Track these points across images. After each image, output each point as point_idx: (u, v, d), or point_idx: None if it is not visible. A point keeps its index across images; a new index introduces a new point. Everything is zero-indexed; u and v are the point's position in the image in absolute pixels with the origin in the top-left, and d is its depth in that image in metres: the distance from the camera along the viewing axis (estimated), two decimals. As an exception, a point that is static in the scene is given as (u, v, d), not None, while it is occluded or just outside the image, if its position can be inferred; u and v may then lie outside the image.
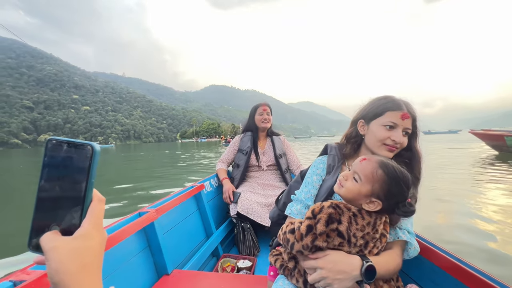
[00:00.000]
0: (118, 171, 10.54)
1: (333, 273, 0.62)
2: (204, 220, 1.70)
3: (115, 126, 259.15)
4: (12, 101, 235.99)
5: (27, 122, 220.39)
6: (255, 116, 2.07)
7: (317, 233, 0.63)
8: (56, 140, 0.29)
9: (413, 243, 0.76)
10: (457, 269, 0.71)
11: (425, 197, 3.60)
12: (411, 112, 0.79)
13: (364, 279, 0.61)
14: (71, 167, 0.29)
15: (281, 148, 2.07)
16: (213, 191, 1.96)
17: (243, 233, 1.69)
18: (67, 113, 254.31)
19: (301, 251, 0.66)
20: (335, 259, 0.63)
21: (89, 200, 0.30)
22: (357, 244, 0.65)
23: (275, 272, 0.86)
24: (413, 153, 0.83)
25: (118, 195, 5.30)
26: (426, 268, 0.84)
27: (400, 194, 0.63)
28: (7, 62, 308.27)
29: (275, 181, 2.00)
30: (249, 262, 1.47)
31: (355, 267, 0.62)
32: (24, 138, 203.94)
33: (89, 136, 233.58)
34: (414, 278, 0.89)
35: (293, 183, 1.10)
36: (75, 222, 0.29)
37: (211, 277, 1.16)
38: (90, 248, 0.28)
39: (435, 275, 0.80)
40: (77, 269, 0.26)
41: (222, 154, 2.13)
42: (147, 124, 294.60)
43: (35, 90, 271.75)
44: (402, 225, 0.77)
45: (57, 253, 0.26)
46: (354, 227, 0.64)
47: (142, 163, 13.86)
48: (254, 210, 1.71)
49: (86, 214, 0.29)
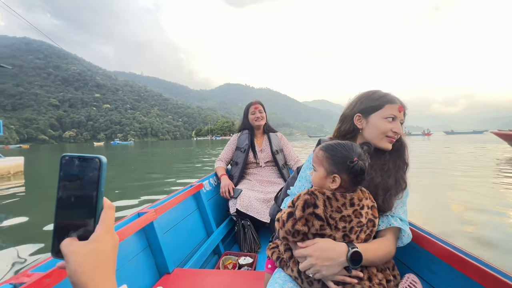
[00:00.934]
0: (153, 164, 11.84)
1: (321, 260, 0.65)
2: (204, 218, 1.71)
3: (133, 123, 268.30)
4: (40, 99, 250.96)
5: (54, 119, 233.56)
6: (249, 115, 2.09)
7: (296, 218, 0.68)
8: (68, 156, 0.33)
9: (405, 230, 0.78)
10: (453, 257, 0.72)
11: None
12: (403, 104, 0.86)
13: (350, 265, 0.64)
14: (83, 179, 0.32)
15: (278, 144, 2.09)
16: (212, 190, 1.97)
17: (243, 230, 1.70)
18: (89, 111, 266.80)
19: (286, 237, 0.70)
20: (323, 247, 0.66)
21: (100, 207, 0.33)
22: (338, 227, 0.68)
23: (273, 265, 0.89)
24: (401, 142, 0.88)
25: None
26: (423, 257, 0.86)
27: (345, 157, 0.69)
28: (36, 63, 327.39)
29: (273, 177, 2.02)
30: (250, 258, 1.49)
31: (341, 253, 0.65)
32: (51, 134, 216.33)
33: (109, 133, 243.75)
34: (411, 267, 0.90)
35: (291, 180, 1.14)
36: (90, 228, 0.32)
37: (213, 274, 1.18)
38: (103, 251, 0.31)
39: (432, 263, 0.82)
40: (92, 270, 0.30)
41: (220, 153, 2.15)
42: (164, 122, 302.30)
43: (60, 89, 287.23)
44: (395, 213, 0.79)
45: (75, 256, 0.30)
46: (329, 209, 0.68)
47: (168, 157, 14.82)
48: (253, 207, 1.74)
49: (98, 220, 0.33)
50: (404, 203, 0.84)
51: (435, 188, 4.74)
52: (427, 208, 3.56)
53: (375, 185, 0.80)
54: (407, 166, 0.86)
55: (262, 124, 2.09)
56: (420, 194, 4.27)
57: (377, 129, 0.84)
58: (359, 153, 0.71)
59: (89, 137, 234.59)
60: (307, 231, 0.68)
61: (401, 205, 0.82)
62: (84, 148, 44.89)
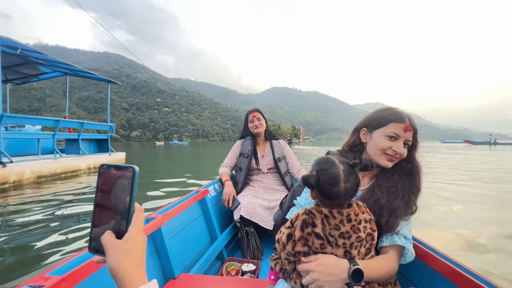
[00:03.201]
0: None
1: (323, 275, 0.65)
2: (209, 224, 1.71)
3: (187, 125, 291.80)
4: (115, 103, 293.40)
5: (124, 120, 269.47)
6: (248, 124, 2.13)
7: (296, 239, 0.68)
8: (106, 165, 0.38)
9: (409, 249, 0.78)
10: (457, 274, 0.73)
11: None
12: (413, 125, 0.83)
13: (351, 281, 0.65)
14: (118, 186, 0.37)
15: (280, 152, 2.10)
16: (217, 196, 1.98)
17: (247, 237, 1.70)
18: (151, 114, 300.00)
19: (288, 258, 0.72)
20: (325, 263, 0.66)
21: (132, 210, 0.37)
22: (339, 244, 0.68)
23: (276, 277, 0.89)
24: (413, 165, 0.85)
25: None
26: (425, 272, 0.86)
27: (311, 172, 0.70)
28: (113, 73, 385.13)
29: (277, 185, 2.04)
30: (253, 265, 1.49)
31: (343, 270, 0.65)
32: (122, 134, 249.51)
33: (167, 134, 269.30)
34: (414, 282, 0.92)
35: (297, 188, 1.13)
36: (123, 228, 0.37)
37: (217, 281, 1.19)
38: (136, 248, 0.37)
39: (434, 279, 0.83)
40: (129, 264, 0.35)
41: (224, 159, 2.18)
42: (214, 124, 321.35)
43: (130, 95, 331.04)
44: (399, 231, 0.79)
45: (114, 252, 0.35)
46: (328, 228, 0.68)
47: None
48: (257, 213, 1.74)
49: (130, 222, 0.37)
50: (409, 221, 0.83)
51: None
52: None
53: (381, 205, 0.79)
54: (418, 191, 0.84)
55: (261, 131, 2.11)
56: None
57: (376, 145, 0.84)
58: (322, 168, 0.69)
59: (151, 136, 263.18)
60: (307, 251, 0.69)
61: (406, 223, 0.81)
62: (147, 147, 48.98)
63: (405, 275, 0.94)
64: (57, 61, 7.09)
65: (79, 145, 7.86)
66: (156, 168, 10.54)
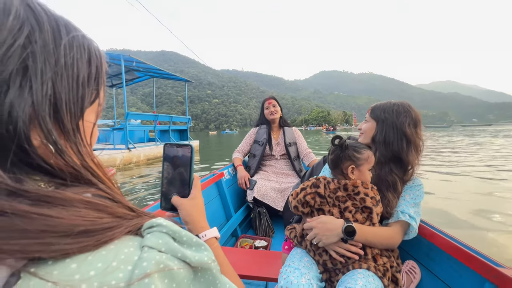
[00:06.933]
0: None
1: (322, 230, 0.82)
2: (224, 204, 1.85)
3: (235, 115, 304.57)
4: (172, 97, 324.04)
5: (180, 113, 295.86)
6: (264, 111, 2.22)
7: (307, 192, 0.91)
8: (169, 143, 0.48)
9: (413, 226, 0.88)
10: (451, 246, 0.82)
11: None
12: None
13: (344, 236, 0.79)
14: (180, 159, 0.47)
15: (291, 137, 2.21)
16: (231, 179, 2.12)
17: (259, 216, 1.82)
18: (203, 105, 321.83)
19: (297, 206, 0.91)
20: (324, 221, 0.84)
21: (192, 178, 0.48)
22: (335, 204, 0.88)
23: (289, 247, 1.03)
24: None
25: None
26: (423, 245, 0.97)
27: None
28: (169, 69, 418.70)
29: (287, 170, 2.15)
30: (265, 242, 1.59)
31: (338, 226, 0.81)
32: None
33: (217, 124, 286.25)
34: (412, 254, 1.03)
35: (316, 165, 1.37)
36: (186, 191, 0.48)
37: (233, 252, 1.30)
38: (199, 204, 0.50)
39: (431, 251, 0.93)
40: (196, 214, 0.48)
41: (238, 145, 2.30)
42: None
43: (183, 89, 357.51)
44: (404, 209, 0.90)
45: (185, 207, 0.48)
46: (328, 191, 0.89)
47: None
48: (269, 195, 1.87)
49: (192, 186, 0.49)
50: (416, 204, 0.92)
51: None
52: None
53: (382, 191, 0.93)
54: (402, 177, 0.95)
55: (277, 117, 2.20)
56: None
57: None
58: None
59: (203, 127, 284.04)
60: (312, 204, 0.89)
61: (412, 205, 0.91)
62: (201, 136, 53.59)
63: (403, 248, 1.05)
64: (151, 67, 8.87)
65: (169, 135, 9.76)
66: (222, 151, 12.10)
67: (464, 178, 5.07)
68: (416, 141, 0.92)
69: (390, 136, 0.93)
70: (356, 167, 0.89)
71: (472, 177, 5.13)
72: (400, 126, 0.92)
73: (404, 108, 0.94)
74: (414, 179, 0.96)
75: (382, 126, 0.95)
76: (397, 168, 0.93)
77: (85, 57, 0.25)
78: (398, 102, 0.97)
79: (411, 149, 0.92)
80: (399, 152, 0.92)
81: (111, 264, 0.18)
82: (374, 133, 0.97)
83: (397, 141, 0.92)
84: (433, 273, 0.91)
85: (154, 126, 8.82)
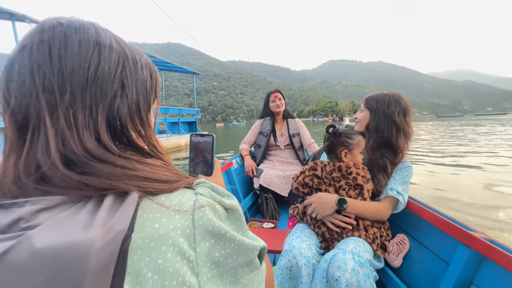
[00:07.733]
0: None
1: (319, 204, 0.97)
2: (233, 191, 1.97)
3: (242, 107, 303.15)
4: (179, 90, 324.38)
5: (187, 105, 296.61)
6: (269, 104, 2.32)
7: (306, 175, 1.05)
8: (195, 134, 0.56)
9: (400, 200, 1.01)
10: (435, 218, 0.93)
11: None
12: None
13: (338, 207, 0.94)
14: (204, 146, 0.56)
15: (295, 128, 2.31)
16: (238, 168, 2.25)
17: (266, 201, 1.96)
18: (209, 97, 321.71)
19: (298, 187, 1.06)
20: (321, 196, 0.98)
21: (214, 160, 0.56)
22: (331, 184, 1.01)
23: (293, 223, 1.19)
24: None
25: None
26: (412, 219, 1.10)
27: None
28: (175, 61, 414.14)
29: (291, 159, 2.27)
30: (272, 224, 1.73)
31: (332, 200, 0.95)
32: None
33: (224, 116, 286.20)
34: (402, 227, 1.16)
35: (317, 153, 1.53)
36: (209, 172, 0.55)
37: None
38: (219, 182, 0.56)
39: (418, 223, 1.07)
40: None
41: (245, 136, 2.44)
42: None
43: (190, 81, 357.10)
44: (393, 187, 1.02)
45: (211, 180, 0.53)
46: (325, 172, 1.02)
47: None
48: (274, 183, 2.00)
49: (213, 168, 0.56)
50: (405, 182, 1.04)
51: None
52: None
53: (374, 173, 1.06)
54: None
55: (281, 110, 2.30)
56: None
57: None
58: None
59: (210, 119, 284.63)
60: (311, 185, 1.04)
61: (401, 184, 1.03)
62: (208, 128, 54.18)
63: (395, 222, 1.19)
64: (159, 60, 9.03)
65: (179, 127, 10.01)
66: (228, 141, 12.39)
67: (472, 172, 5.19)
68: (405, 128, 1.03)
69: (382, 124, 1.04)
70: (349, 151, 1.01)
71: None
72: (391, 115, 1.03)
73: (395, 99, 1.05)
74: (404, 161, 1.07)
75: (375, 115, 1.06)
76: (388, 153, 1.04)
77: (148, 73, 0.36)
78: (389, 93, 1.07)
79: (400, 135, 1.02)
80: (389, 138, 1.02)
81: (182, 200, 0.30)
82: (368, 121, 1.08)
83: (388, 128, 1.03)
84: (420, 242, 1.04)
85: (164, 118, 9.06)
